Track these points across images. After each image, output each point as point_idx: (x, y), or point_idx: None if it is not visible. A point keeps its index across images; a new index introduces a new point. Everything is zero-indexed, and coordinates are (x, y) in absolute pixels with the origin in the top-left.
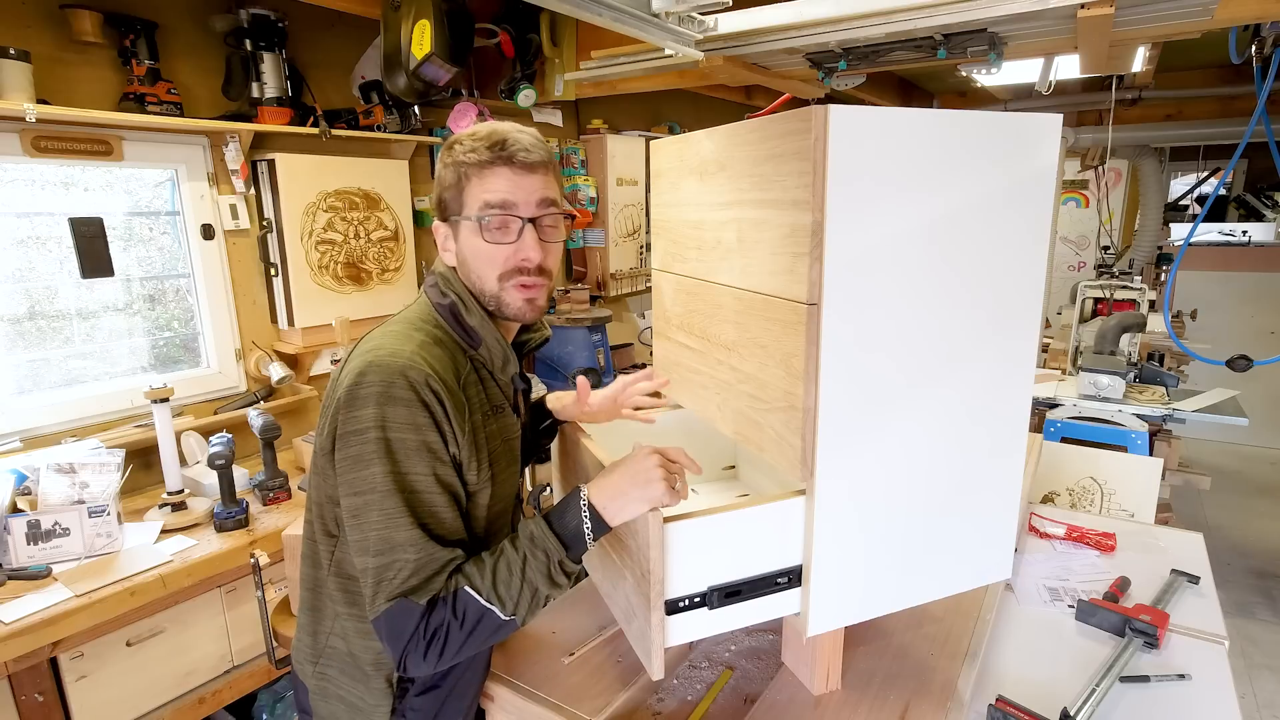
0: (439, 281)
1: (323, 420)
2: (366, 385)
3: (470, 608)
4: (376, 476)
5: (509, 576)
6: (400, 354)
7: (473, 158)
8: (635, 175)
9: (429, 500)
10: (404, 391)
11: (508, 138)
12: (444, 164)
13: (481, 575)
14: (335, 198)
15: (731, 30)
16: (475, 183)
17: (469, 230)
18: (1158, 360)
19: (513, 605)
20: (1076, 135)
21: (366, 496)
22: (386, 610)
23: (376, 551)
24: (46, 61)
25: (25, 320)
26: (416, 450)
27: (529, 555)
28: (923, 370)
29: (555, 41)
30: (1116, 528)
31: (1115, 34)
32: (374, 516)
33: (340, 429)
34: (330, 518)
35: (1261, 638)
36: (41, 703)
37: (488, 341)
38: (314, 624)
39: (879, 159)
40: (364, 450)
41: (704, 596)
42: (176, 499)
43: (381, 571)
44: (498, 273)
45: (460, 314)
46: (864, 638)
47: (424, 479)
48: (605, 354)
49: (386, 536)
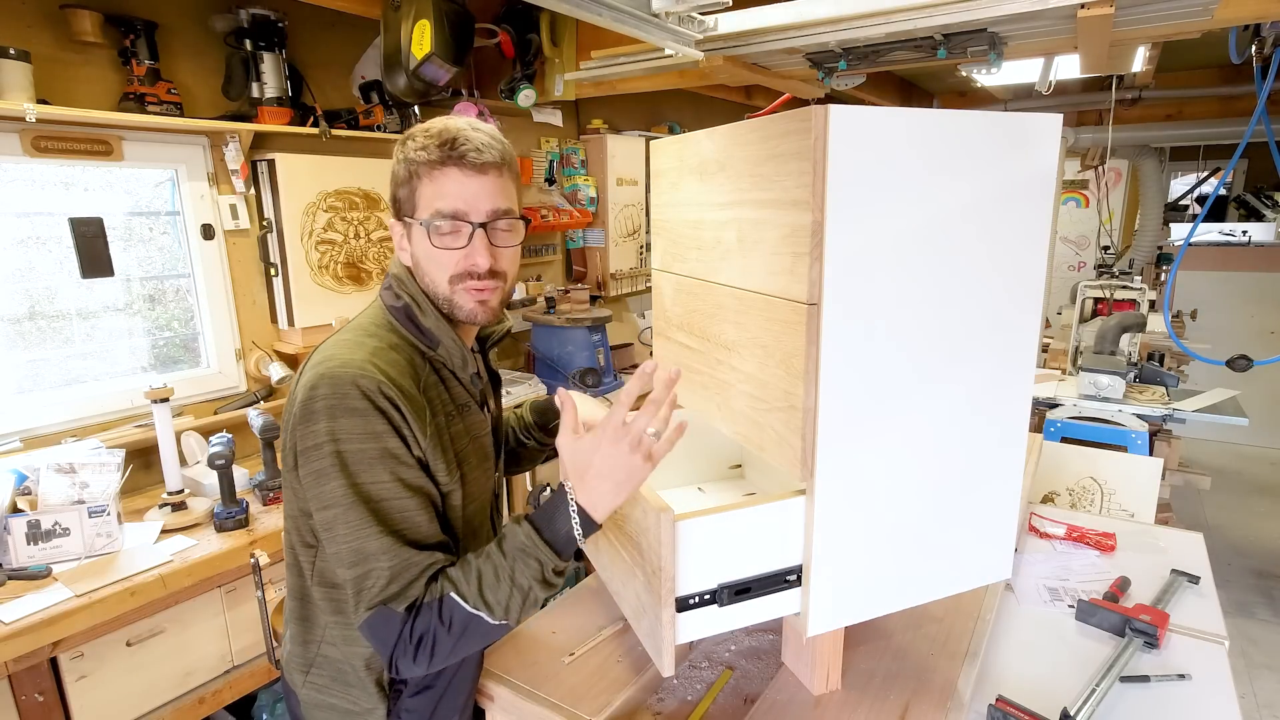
0: (393, 284)
1: (283, 435)
2: (318, 399)
3: (457, 614)
4: (337, 491)
5: (496, 583)
6: (351, 363)
7: (423, 156)
8: (635, 175)
9: (398, 506)
10: (357, 401)
11: (459, 136)
12: (397, 159)
13: (467, 580)
14: (335, 198)
15: (731, 30)
16: (426, 184)
17: (420, 233)
18: (1158, 360)
19: (502, 610)
20: (1076, 135)
21: (332, 510)
22: (368, 619)
23: (351, 563)
24: (46, 61)
25: (25, 320)
26: (378, 459)
27: (519, 563)
28: (923, 370)
29: (555, 41)
30: (1116, 528)
31: (1115, 34)
32: (341, 530)
33: (299, 445)
34: (305, 529)
35: (1261, 638)
36: (41, 703)
37: (444, 342)
38: (304, 634)
39: (879, 159)
40: (322, 465)
41: (714, 594)
42: (176, 499)
43: (359, 582)
44: (448, 276)
45: (415, 316)
46: (864, 638)
47: (387, 486)
48: (605, 354)
49: (357, 548)
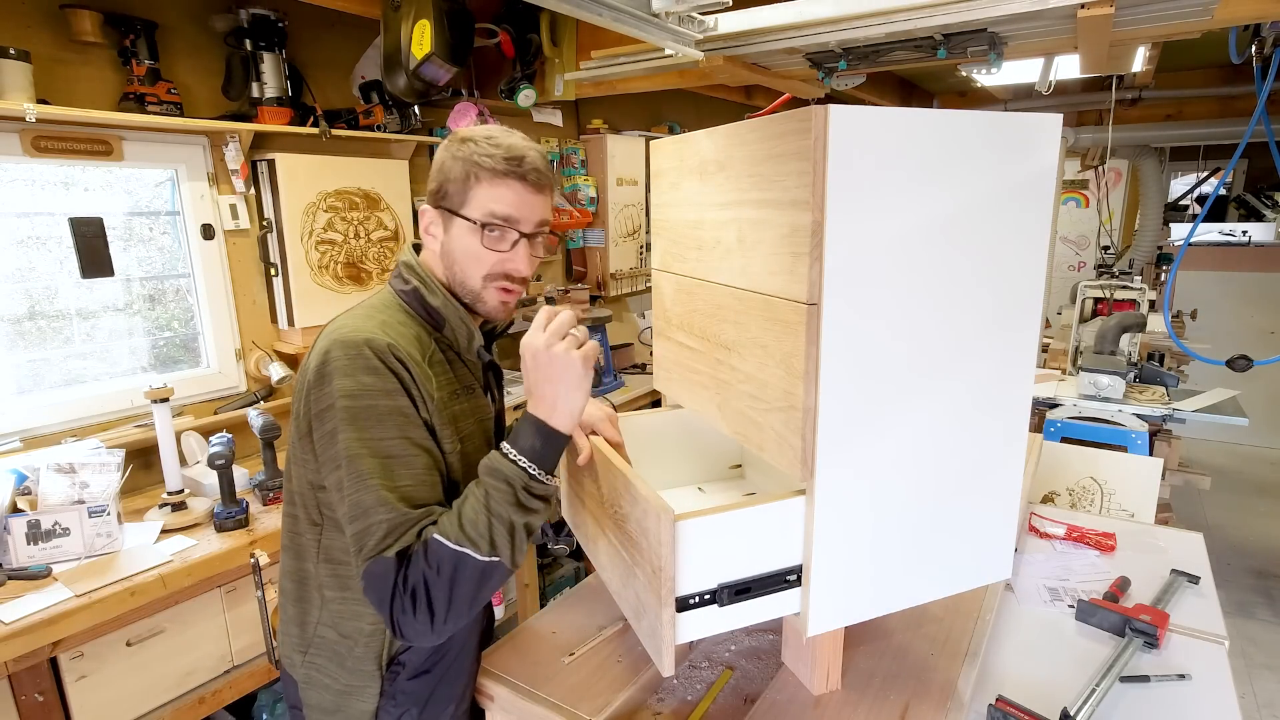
0: (402, 270)
1: (296, 405)
2: (332, 361)
3: (444, 555)
4: (346, 445)
5: (475, 516)
6: (362, 329)
7: (488, 163)
8: (635, 175)
9: (404, 463)
10: (369, 360)
11: (525, 156)
12: (453, 156)
13: (449, 520)
14: (335, 198)
15: (731, 30)
16: (485, 187)
17: (465, 229)
18: (1158, 360)
19: (488, 545)
20: (1076, 135)
21: (341, 469)
22: (365, 571)
23: (352, 518)
24: (46, 61)
25: (25, 320)
26: (388, 414)
27: (491, 489)
28: (923, 370)
29: (555, 41)
30: (1116, 528)
31: (1115, 34)
32: (348, 484)
33: (313, 409)
34: (314, 505)
35: (1261, 638)
36: (41, 703)
37: (451, 321)
38: (301, 615)
39: (879, 159)
40: (334, 424)
41: (714, 594)
42: (176, 499)
43: (360, 538)
44: (484, 273)
45: (423, 296)
46: (864, 638)
47: (396, 442)
48: (605, 354)
49: (358, 500)
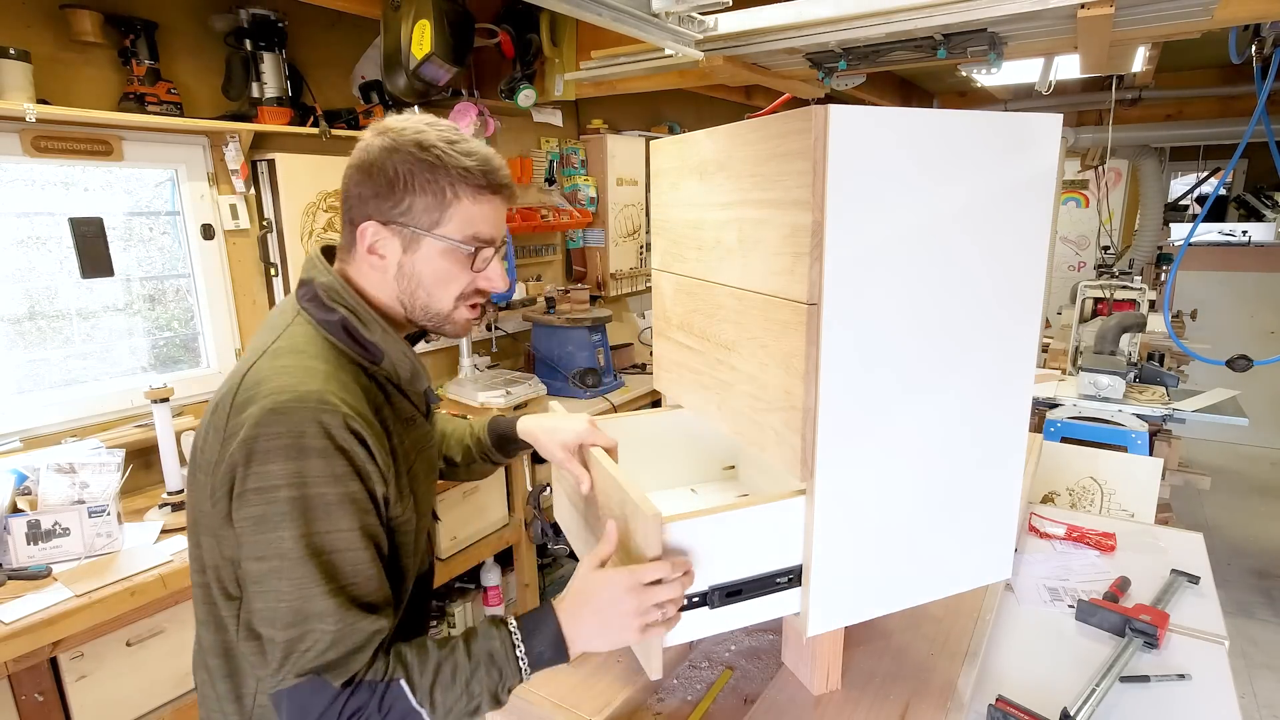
0: (320, 293)
1: (206, 472)
2: (270, 436)
3: (398, 705)
4: (286, 541)
5: (451, 683)
6: (308, 396)
7: (469, 178)
8: (635, 175)
9: (351, 559)
10: (318, 440)
11: (492, 159)
12: (414, 163)
13: (422, 671)
14: (335, 198)
15: (731, 30)
16: (467, 205)
17: (440, 250)
18: (1158, 360)
19: (444, 712)
20: (1076, 135)
21: (273, 563)
22: (294, 686)
23: (286, 624)
24: (46, 61)
25: (25, 320)
26: (338, 504)
27: (481, 668)
28: (923, 370)
29: (555, 41)
30: (1116, 528)
31: (1115, 34)
32: (283, 585)
33: (239, 487)
34: (231, 579)
35: (1261, 638)
36: (41, 703)
37: (393, 356)
38: (236, 690)
39: (879, 159)
40: (270, 511)
41: (705, 596)
42: (176, 499)
43: (293, 645)
44: (458, 294)
45: (354, 329)
46: (864, 638)
47: (345, 535)
48: (605, 354)
49: (298, 608)
